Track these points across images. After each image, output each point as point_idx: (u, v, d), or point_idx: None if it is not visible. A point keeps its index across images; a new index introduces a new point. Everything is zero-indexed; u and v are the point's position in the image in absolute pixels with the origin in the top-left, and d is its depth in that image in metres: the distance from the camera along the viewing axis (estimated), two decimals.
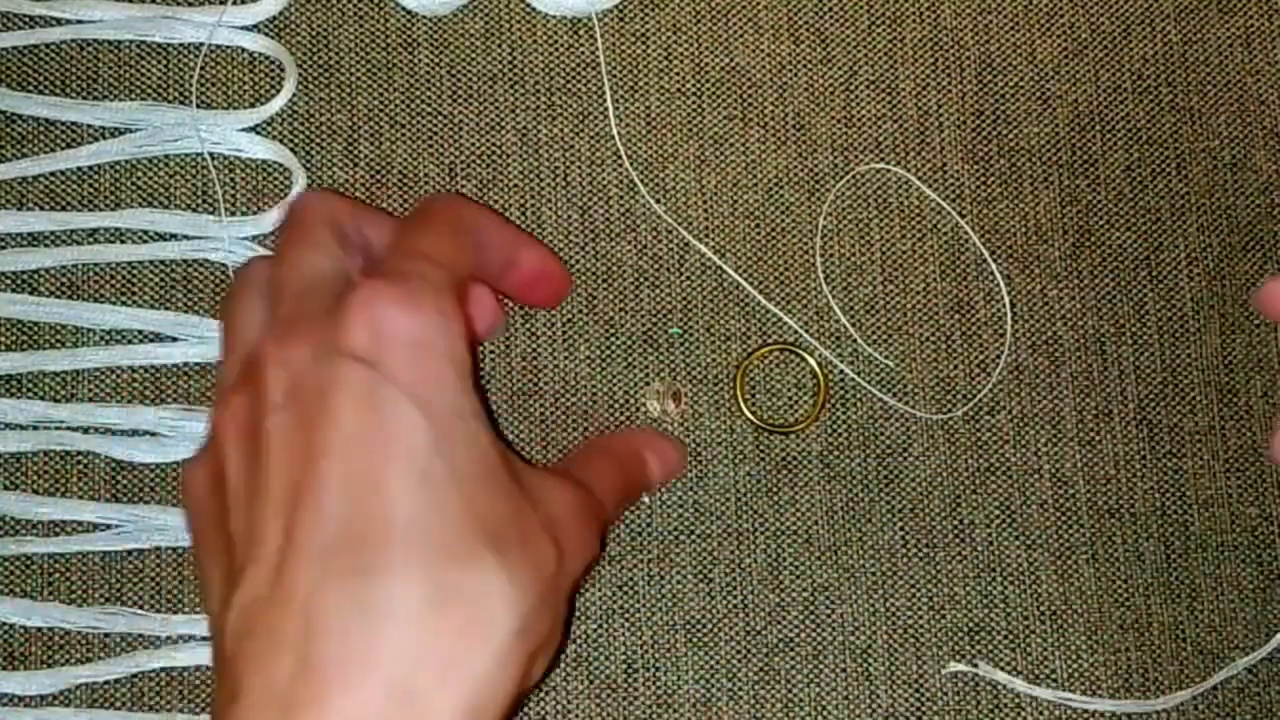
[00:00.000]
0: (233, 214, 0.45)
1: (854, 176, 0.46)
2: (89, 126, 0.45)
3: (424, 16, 0.46)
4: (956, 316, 0.45)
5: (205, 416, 0.43)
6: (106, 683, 0.42)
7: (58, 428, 0.43)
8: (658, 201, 0.45)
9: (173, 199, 0.45)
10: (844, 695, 0.43)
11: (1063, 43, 0.46)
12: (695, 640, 0.43)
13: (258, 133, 0.45)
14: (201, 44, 0.45)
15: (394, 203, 0.45)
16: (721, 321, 0.45)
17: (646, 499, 0.44)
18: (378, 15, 0.46)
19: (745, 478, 0.44)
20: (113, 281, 0.44)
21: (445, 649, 0.30)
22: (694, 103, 0.46)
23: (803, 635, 0.43)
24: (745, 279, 0.45)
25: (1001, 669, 0.43)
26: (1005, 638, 0.43)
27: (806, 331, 0.44)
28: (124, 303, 0.44)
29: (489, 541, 0.31)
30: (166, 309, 0.44)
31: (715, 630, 0.43)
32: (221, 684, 0.31)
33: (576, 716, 0.43)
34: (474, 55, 0.46)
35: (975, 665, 0.43)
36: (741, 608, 0.43)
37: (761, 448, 0.44)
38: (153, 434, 0.44)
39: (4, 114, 0.45)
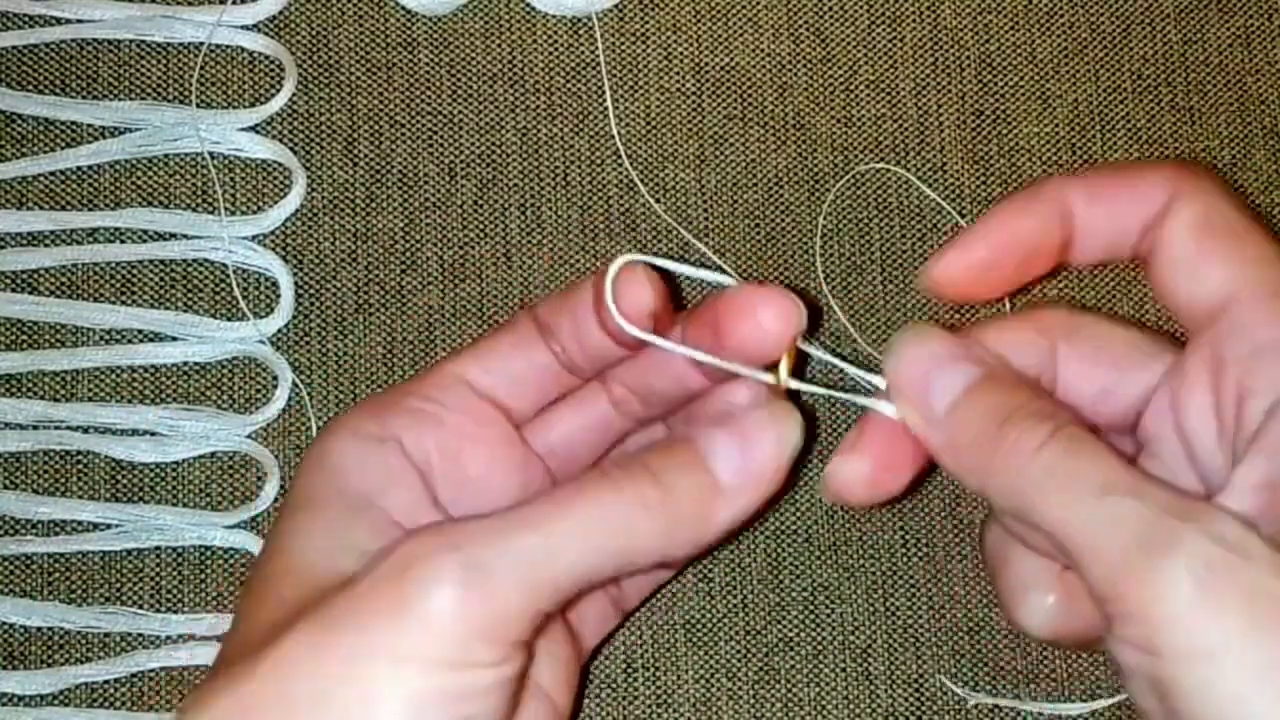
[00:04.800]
0: (232, 214, 0.45)
1: (854, 176, 0.46)
2: (89, 126, 0.45)
3: (424, 16, 0.46)
4: (957, 317, 0.45)
5: (205, 415, 0.43)
6: (106, 683, 0.42)
7: (58, 427, 0.43)
8: (658, 201, 0.45)
9: (172, 198, 0.45)
10: (844, 695, 0.43)
11: (1063, 42, 0.46)
12: (695, 640, 0.43)
13: (258, 132, 0.45)
14: (201, 43, 0.45)
15: (394, 202, 0.45)
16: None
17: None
18: (378, 15, 0.46)
19: None
20: (112, 281, 0.44)
21: None
22: (694, 102, 0.46)
23: (802, 635, 0.43)
24: (745, 279, 0.45)
25: (1002, 668, 0.43)
26: (1005, 637, 0.43)
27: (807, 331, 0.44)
28: (124, 302, 0.44)
29: None
30: (166, 309, 0.44)
31: (715, 630, 0.43)
32: None
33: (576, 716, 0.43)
34: (474, 55, 0.46)
35: (969, 694, 0.43)
36: (741, 607, 0.43)
37: None
38: (153, 434, 0.44)
39: (4, 114, 0.45)
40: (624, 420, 0.37)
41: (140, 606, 0.43)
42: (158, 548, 0.43)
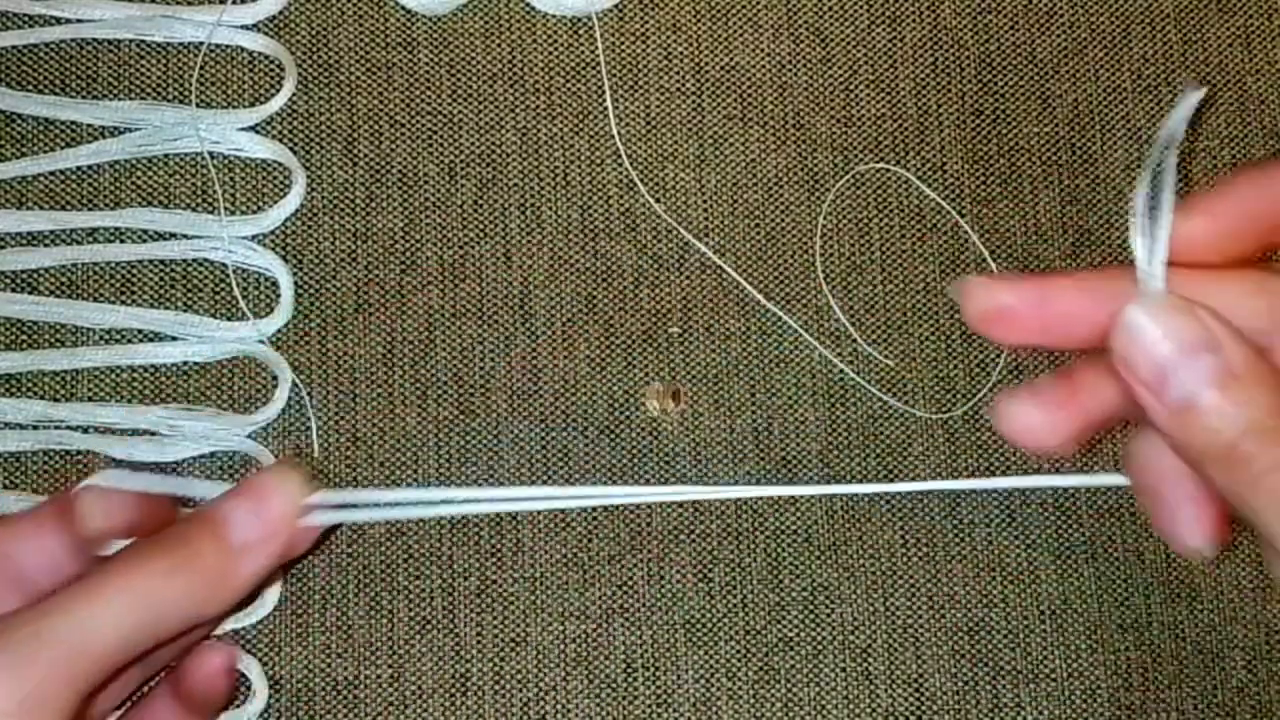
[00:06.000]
0: (232, 213, 0.45)
1: (854, 176, 0.46)
2: (88, 126, 0.45)
3: (424, 16, 0.46)
4: (956, 316, 0.45)
5: (205, 415, 0.43)
6: None
7: (58, 427, 0.43)
8: (658, 201, 0.45)
9: (172, 198, 0.45)
10: (844, 695, 0.43)
11: (1063, 42, 0.46)
12: (695, 640, 0.43)
13: (257, 132, 0.45)
14: (201, 43, 0.45)
15: (394, 202, 0.45)
16: (721, 321, 0.45)
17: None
18: (378, 15, 0.46)
19: (745, 478, 0.44)
20: (112, 281, 0.44)
21: None
22: (694, 102, 0.46)
23: (802, 635, 0.43)
24: (745, 279, 0.45)
25: (1002, 668, 0.43)
26: (1005, 637, 0.43)
27: (806, 331, 0.45)
28: (123, 302, 0.44)
29: None
30: (166, 308, 0.44)
31: (715, 630, 0.43)
32: None
33: (576, 716, 0.43)
34: (474, 55, 0.46)
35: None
36: (741, 607, 0.43)
37: (761, 447, 0.44)
38: (153, 434, 0.44)
39: (4, 113, 0.45)
40: None
41: None
42: None
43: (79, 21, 0.45)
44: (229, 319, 0.44)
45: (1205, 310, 0.31)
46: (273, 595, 0.43)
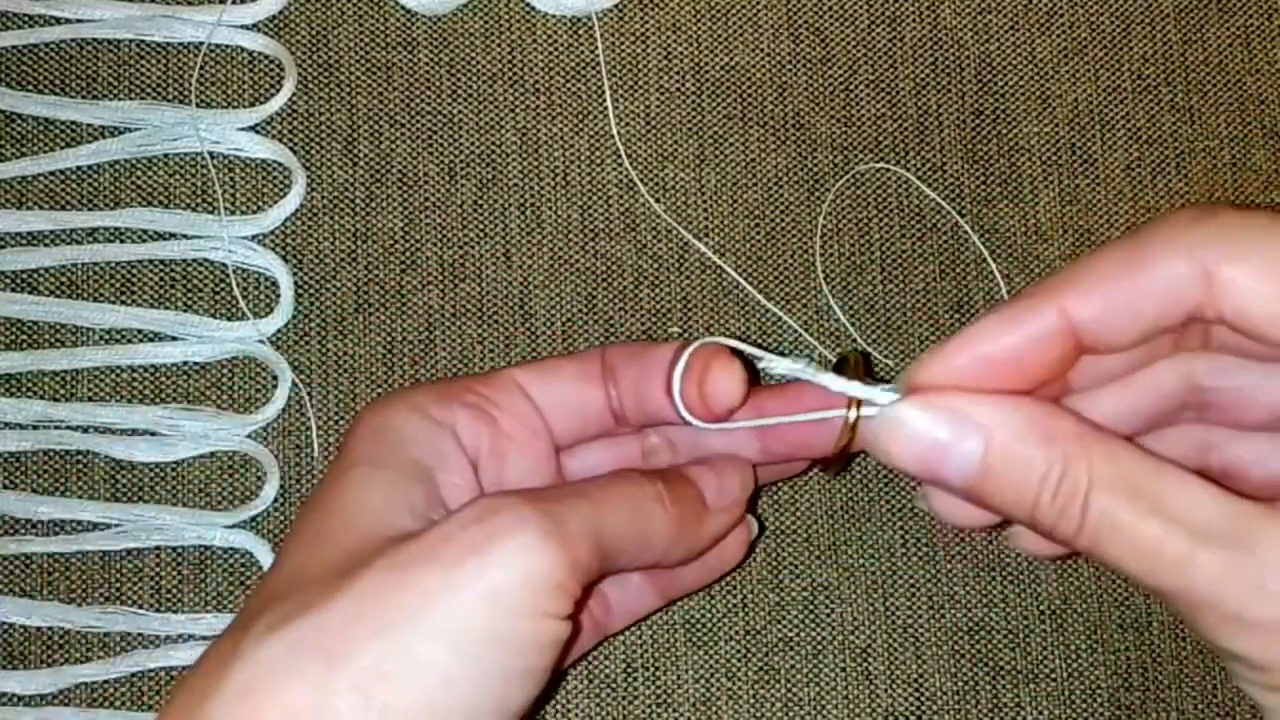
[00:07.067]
0: (232, 213, 0.45)
1: (854, 176, 0.46)
2: (88, 126, 0.45)
3: (424, 16, 0.46)
4: (956, 316, 0.45)
5: (205, 415, 0.43)
6: (106, 682, 0.42)
7: (57, 427, 0.43)
8: (658, 201, 0.45)
9: (172, 198, 0.45)
10: (844, 695, 0.43)
11: (1062, 42, 0.46)
12: (695, 639, 0.43)
13: (257, 132, 0.45)
14: (201, 43, 0.45)
15: (394, 202, 0.45)
16: (721, 321, 0.45)
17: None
18: (378, 15, 0.46)
19: None
20: (112, 281, 0.44)
21: None
22: (693, 102, 0.46)
23: (802, 635, 0.43)
24: (745, 279, 0.45)
25: (1002, 668, 0.43)
26: (1005, 637, 0.43)
27: (806, 331, 0.45)
28: (123, 302, 0.44)
29: None
30: (166, 308, 0.44)
31: (715, 630, 0.43)
32: None
33: (576, 715, 0.43)
34: (474, 55, 0.46)
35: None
36: (741, 607, 0.43)
37: None
38: (152, 433, 0.44)
39: (4, 113, 0.45)
40: (648, 466, 0.39)
41: (140, 606, 0.43)
42: (158, 548, 0.43)
43: (79, 21, 0.45)
44: (229, 319, 0.44)
45: (944, 397, 0.31)
46: None
